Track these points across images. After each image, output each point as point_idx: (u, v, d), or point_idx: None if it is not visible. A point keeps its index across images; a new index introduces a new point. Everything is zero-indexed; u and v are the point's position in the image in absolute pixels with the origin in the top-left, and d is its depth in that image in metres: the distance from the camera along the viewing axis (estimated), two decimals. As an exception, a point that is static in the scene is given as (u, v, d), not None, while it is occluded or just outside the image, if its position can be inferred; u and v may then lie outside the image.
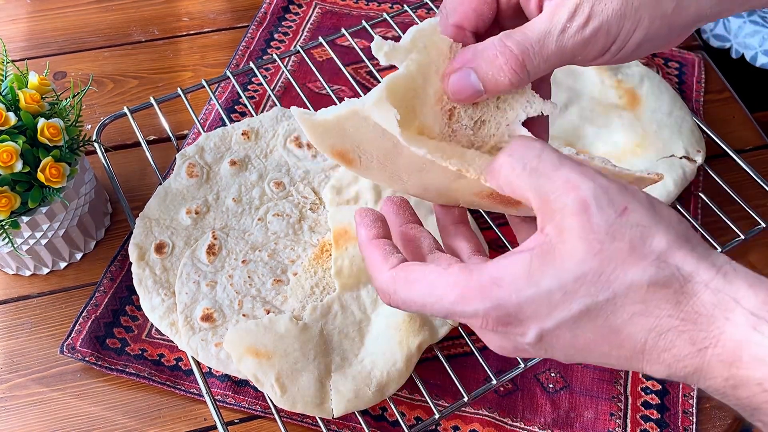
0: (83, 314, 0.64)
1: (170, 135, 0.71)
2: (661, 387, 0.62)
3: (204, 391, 0.55)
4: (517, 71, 0.37)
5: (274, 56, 0.77)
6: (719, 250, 0.66)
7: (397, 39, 0.84)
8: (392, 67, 0.83)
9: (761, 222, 0.67)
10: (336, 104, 0.80)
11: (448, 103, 0.39)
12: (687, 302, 0.31)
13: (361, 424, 0.56)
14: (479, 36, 0.40)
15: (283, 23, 0.90)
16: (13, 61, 0.65)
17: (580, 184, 0.33)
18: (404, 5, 0.84)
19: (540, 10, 0.38)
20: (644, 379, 0.62)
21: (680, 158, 0.69)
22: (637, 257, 0.32)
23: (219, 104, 0.74)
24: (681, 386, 0.62)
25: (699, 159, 0.70)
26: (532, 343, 0.34)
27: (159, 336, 0.63)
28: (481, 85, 0.37)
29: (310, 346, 0.54)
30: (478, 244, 0.41)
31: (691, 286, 0.32)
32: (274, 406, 0.55)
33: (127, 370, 0.61)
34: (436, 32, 0.39)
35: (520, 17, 0.40)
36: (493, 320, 0.34)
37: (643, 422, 0.60)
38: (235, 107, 0.81)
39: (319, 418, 0.55)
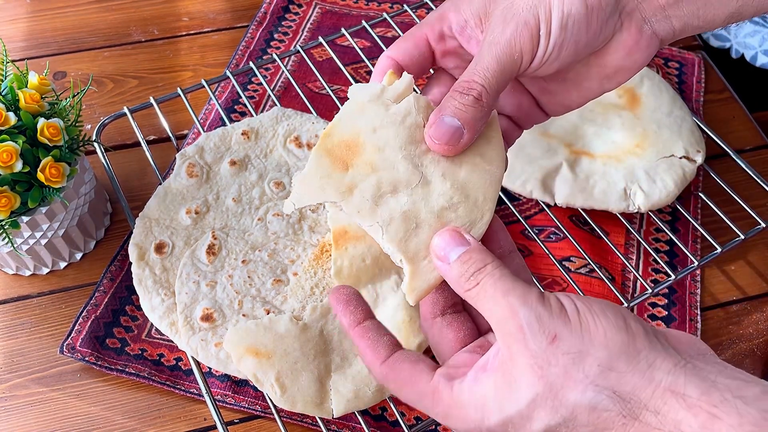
0: (83, 314, 0.64)
1: (170, 135, 0.71)
2: (661, 387, 0.62)
3: (204, 391, 0.55)
4: (475, 88, 0.39)
5: (274, 56, 0.77)
6: (719, 249, 0.66)
7: (396, 39, 0.84)
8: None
9: (761, 222, 0.67)
10: (336, 104, 0.80)
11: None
12: (632, 424, 0.33)
13: (361, 424, 0.56)
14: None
15: (283, 23, 0.90)
16: (13, 60, 0.65)
17: (518, 310, 0.35)
18: (404, 5, 0.84)
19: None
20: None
21: (680, 158, 0.69)
22: (574, 382, 0.33)
23: (219, 104, 0.74)
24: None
25: (699, 159, 0.70)
26: None
27: (159, 336, 0.63)
28: (456, 120, 0.39)
29: (310, 346, 0.54)
30: (466, 335, 0.42)
31: (632, 407, 0.33)
32: (274, 406, 0.55)
33: (126, 370, 0.61)
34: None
35: (458, 63, 0.44)
36: None
37: (643, 422, 0.60)
38: (235, 107, 0.81)
39: (319, 418, 0.55)
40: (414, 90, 0.43)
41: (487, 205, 0.40)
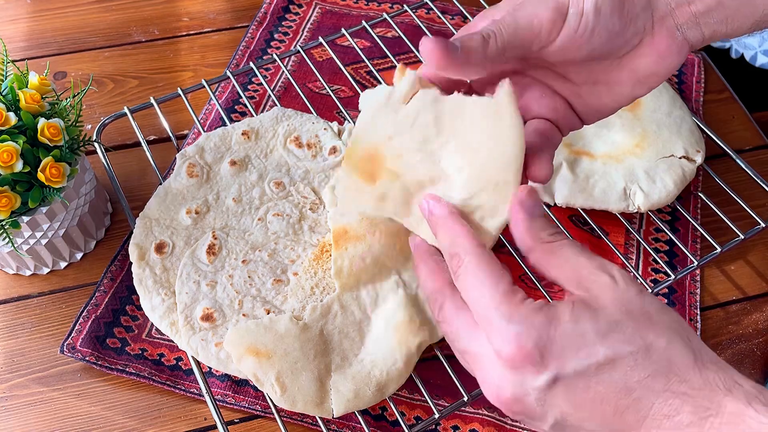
0: (83, 314, 0.64)
1: (170, 135, 0.71)
2: (660, 387, 0.62)
3: (204, 390, 0.55)
4: (480, 31, 0.40)
5: (274, 56, 0.77)
6: (719, 250, 0.66)
7: (396, 39, 0.84)
8: (392, 68, 0.84)
9: (761, 222, 0.67)
10: (336, 104, 0.80)
11: None
12: (697, 373, 0.35)
13: (361, 424, 0.56)
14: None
15: (283, 23, 0.90)
16: (13, 61, 0.65)
17: (611, 268, 0.38)
18: (404, 5, 0.84)
19: None
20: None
21: (680, 158, 0.69)
22: (654, 324, 0.36)
23: (219, 104, 0.74)
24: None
25: (698, 159, 0.70)
26: (540, 388, 0.36)
27: (159, 336, 0.63)
28: (457, 41, 0.39)
29: (310, 345, 0.54)
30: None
31: (701, 361, 0.35)
32: (274, 405, 0.55)
33: (127, 369, 0.61)
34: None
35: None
36: (526, 348, 0.35)
37: (642, 422, 0.60)
38: (235, 107, 0.81)
39: (319, 417, 0.55)
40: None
41: (509, 188, 0.41)
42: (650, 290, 0.64)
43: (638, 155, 0.69)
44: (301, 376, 0.53)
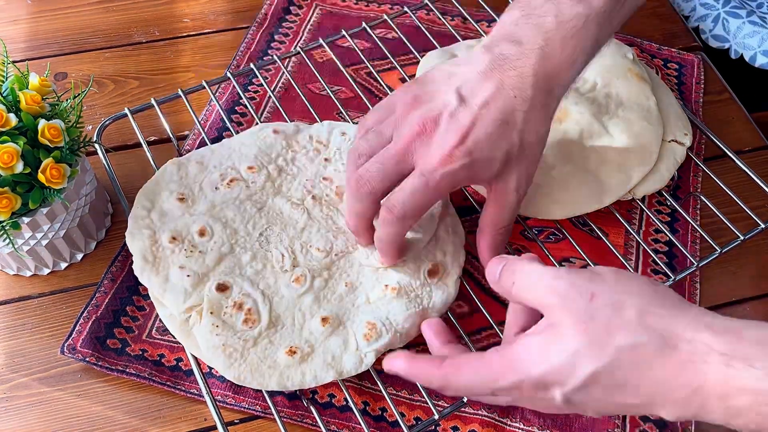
0: (84, 315, 0.64)
1: (171, 136, 0.71)
2: (660, 387, 0.62)
3: (204, 391, 0.55)
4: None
5: (275, 57, 0.77)
6: (718, 251, 0.66)
7: (396, 40, 0.84)
8: (392, 69, 0.84)
9: (760, 223, 0.67)
10: (336, 105, 0.80)
11: None
12: (670, 354, 0.38)
13: (360, 425, 0.56)
14: None
15: (283, 24, 0.90)
16: (14, 62, 0.65)
17: (555, 286, 0.42)
18: (404, 7, 0.84)
19: None
20: (643, 380, 0.62)
21: (669, 142, 0.70)
22: (615, 328, 0.39)
23: (219, 105, 0.74)
24: (680, 387, 0.62)
25: (687, 141, 0.71)
26: (562, 404, 0.41)
27: (159, 336, 0.63)
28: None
29: None
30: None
31: (669, 340, 0.38)
32: (274, 406, 0.55)
33: (127, 370, 0.61)
34: None
35: None
36: (527, 388, 0.42)
37: (642, 422, 0.60)
38: (236, 108, 0.81)
39: (319, 418, 0.55)
40: None
41: None
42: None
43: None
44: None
